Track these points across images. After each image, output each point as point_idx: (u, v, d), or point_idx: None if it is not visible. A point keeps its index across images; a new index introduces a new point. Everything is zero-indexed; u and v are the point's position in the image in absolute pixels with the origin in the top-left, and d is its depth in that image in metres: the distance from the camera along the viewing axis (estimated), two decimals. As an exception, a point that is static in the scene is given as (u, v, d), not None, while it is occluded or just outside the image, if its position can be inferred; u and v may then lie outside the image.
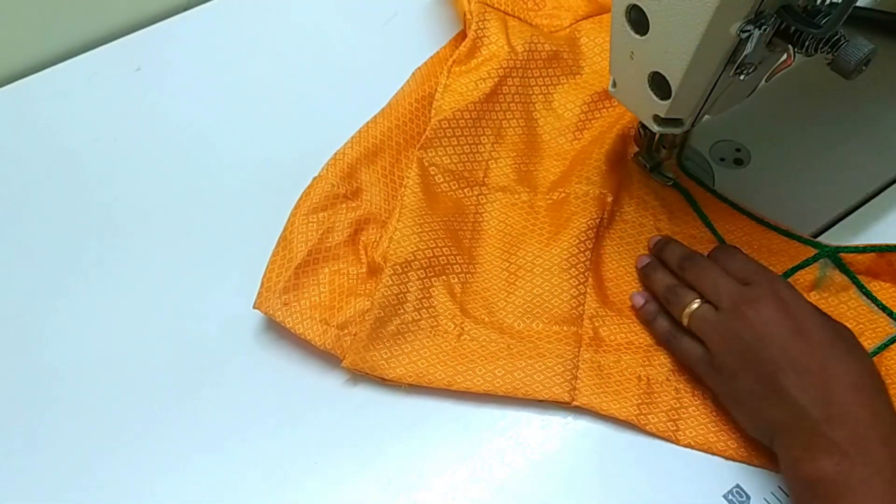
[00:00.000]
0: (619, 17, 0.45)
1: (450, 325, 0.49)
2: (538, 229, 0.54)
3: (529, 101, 0.59)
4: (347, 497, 0.45)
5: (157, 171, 0.57)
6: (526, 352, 0.48)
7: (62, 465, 0.46)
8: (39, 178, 0.57)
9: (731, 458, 0.45)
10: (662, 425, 0.46)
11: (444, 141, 0.55)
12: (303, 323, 0.48)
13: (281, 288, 0.48)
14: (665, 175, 0.56)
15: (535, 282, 0.51)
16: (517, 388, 0.47)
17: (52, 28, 0.64)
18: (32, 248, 0.54)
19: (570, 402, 0.46)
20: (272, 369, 0.49)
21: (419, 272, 0.50)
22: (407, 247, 0.50)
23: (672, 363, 0.48)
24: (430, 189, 0.53)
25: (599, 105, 0.60)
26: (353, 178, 0.53)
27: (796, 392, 0.41)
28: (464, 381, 0.47)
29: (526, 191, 0.56)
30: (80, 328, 0.50)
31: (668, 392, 0.47)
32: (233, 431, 0.47)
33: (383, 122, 0.57)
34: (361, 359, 0.47)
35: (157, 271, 0.53)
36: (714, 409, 0.47)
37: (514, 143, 0.57)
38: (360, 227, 0.52)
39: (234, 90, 0.62)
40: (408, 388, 0.48)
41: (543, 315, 0.50)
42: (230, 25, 0.66)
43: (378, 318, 0.48)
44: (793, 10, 0.41)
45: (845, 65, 0.41)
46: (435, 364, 0.47)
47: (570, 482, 0.45)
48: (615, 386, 0.47)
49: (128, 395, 0.48)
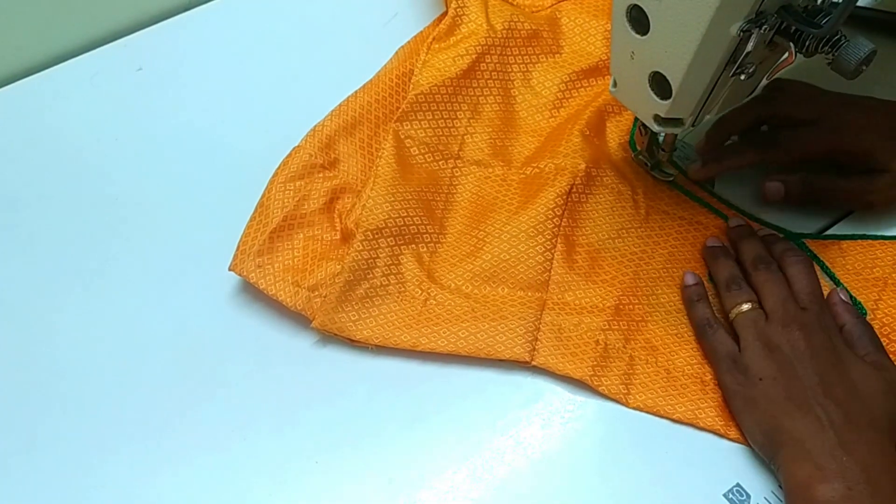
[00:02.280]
0: (619, 17, 0.45)
1: (417, 290, 0.50)
2: (509, 200, 0.55)
3: (508, 78, 0.60)
4: (348, 496, 0.45)
5: (158, 171, 0.57)
6: (489, 315, 0.49)
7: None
8: (40, 179, 0.57)
9: (678, 421, 0.47)
10: (615, 388, 0.48)
11: (419, 115, 0.56)
12: (275, 284, 0.49)
13: (256, 251, 0.50)
14: (666, 172, 0.56)
15: (501, 248, 0.52)
16: (479, 349, 0.48)
17: (53, 28, 0.64)
18: (33, 249, 0.54)
19: (530, 361, 0.48)
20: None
21: (389, 239, 0.51)
22: (379, 214, 0.51)
23: (630, 331, 0.49)
24: (404, 160, 0.55)
25: (578, 84, 0.61)
26: (330, 149, 0.55)
27: (820, 410, 0.42)
28: (428, 342, 0.48)
29: (500, 165, 0.57)
30: (80, 328, 0.50)
31: (622, 358, 0.48)
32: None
33: (363, 96, 0.58)
34: (330, 320, 0.48)
35: (158, 271, 0.53)
36: (666, 377, 0.48)
37: (490, 119, 0.58)
38: (335, 196, 0.54)
39: (235, 90, 0.62)
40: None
41: (509, 280, 0.51)
42: (231, 25, 0.66)
43: (348, 281, 0.49)
44: (793, 10, 0.41)
45: (846, 65, 0.41)
46: (401, 327, 0.49)
47: (571, 482, 0.45)
48: (573, 348, 0.49)
49: (128, 395, 0.48)
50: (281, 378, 0.49)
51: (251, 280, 0.49)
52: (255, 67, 0.64)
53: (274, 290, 0.49)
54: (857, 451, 0.41)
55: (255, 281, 0.49)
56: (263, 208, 0.52)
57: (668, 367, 0.49)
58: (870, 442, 0.42)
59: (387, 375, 0.48)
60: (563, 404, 0.48)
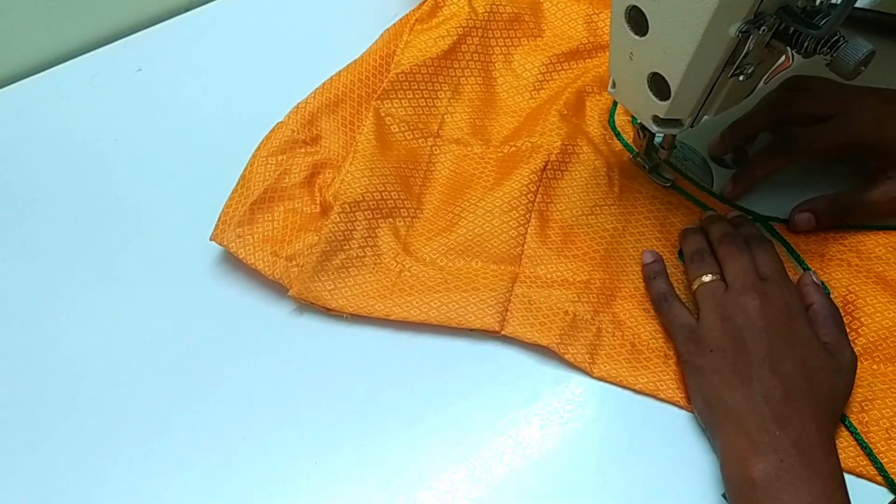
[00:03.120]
0: (618, 18, 0.45)
1: (392, 262, 0.52)
2: (485, 177, 0.56)
3: (489, 59, 0.62)
4: (348, 496, 0.45)
5: (158, 172, 0.58)
6: (462, 286, 0.50)
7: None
8: (41, 179, 0.57)
9: (640, 392, 0.48)
10: (580, 356, 0.49)
11: (400, 94, 0.58)
12: (254, 254, 0.50)
13: (236, 222, 0.51)
14: (664, 177, 0.56)
15: (476, 222, 0.53)
16: (451, 318, 0.49)
17: (53, 29, 0.64)
18: (34, 249, 0.54)
19: (500, 330, 0.49)
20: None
21: (367, 213, 0.52)
22: (357, 188, 0.52)
23: (599, 304, 0.50)
24: (384, 137, 0.56)
25: (558, 67, 0.62)
26: (313, 126, 0.56)
27: (759, 385, 0.43)
28: (401, 311, 0.49)
29: (479, 144, 0.58)
30: (80, 327, 0.51)
31: (590, 329, 0.49)
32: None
33: (347, 75, 0.59)
34: (306, 289, 0.49)
35: (159, 270, 0.53)
36: (630, 350, 0.49)
37: (470, 99, 0.60)
38: (316, 171, 0.55)
39: (235, 90, 0.62)
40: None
41: (483, 254, 0.52)
42: (231, 26, 0.67)
43: (324, 251, 0.50)
44: (792, 11, 0.41)
45: (844, 65, 0.41)
46: (375, 297, 0.50)
47: (570, 482, 0.45)
48: (542, 318, 0.49)
49: (128, 393, 0.48)
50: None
51: (231, 249, 0.51)
52: (255, 68, 0.64)
53: (252, 260, 0.50)
54: (790, 425, 0.41)
55: (235, 250, 0.51)
56: (245, 181, 0.53)
57: (633, 340, 0.50)
58: (804, 416, 0.42)
59: (387, 375, 0.49)
60: (561, 405, 0.48)
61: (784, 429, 0.41)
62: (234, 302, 0.51)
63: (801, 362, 0.44)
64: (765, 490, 0.40)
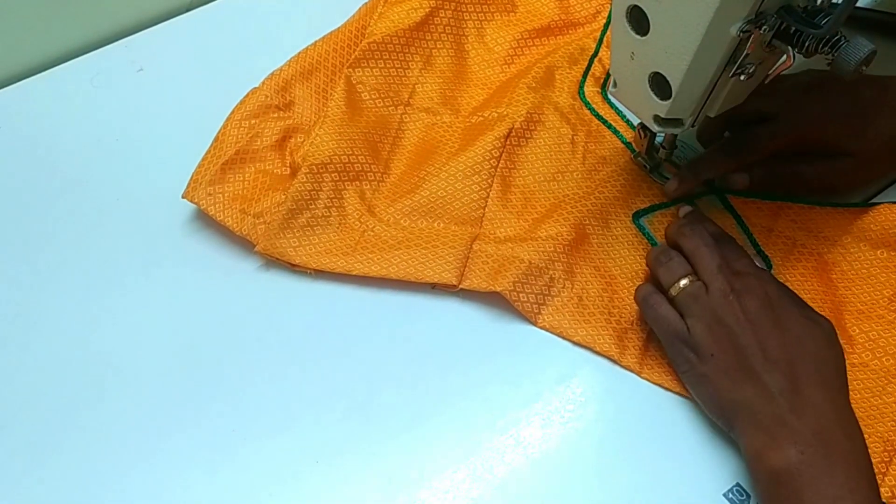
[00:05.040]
0: (619, 18, 0.45)
1: (356, 223, 0.53)
2: (451, 144, 0.58)
3: (462, 33, 0.63)
4: (348, 495, 0.45)
5: (159, 172, 0.58)
6: (423, 244, 0.52)
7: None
8: (41, 179, 0.57)
9: (578, 344, 0.49)
10: (529, 306, 0.50)
11: (371, 62, 0.59)
12: (223, 212, 0.52)
13: (207, 180, 0.53)
14: (665, 176, 0.56)
15: (439, 185, 0.55)
16: (409, 274, 0.50)
17: (54, 29, 0.64)
18: (34, 249, 0.54)
19: (458, 284, 0.50)
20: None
21: (333, 175, 0.54)
22: (325, 150, 0.54)
23: (555, 252, 0.51)
24: (355, 104, 0.57)
25: (530, 42, 0.63)
26: (286, 92, 0.58)
27: (767, 378, 0.43)
28: (362, 267, 0.51)
29: (449, 113, 0.59)
30: (80, 326, 0.51)
31: (542, 278, 0.51)
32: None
33: (322, 45, 0.60)
34: (272, 245, 0.51)
35: (159, 270, 0.53)
36: (577, 303, 0.50)
37: (441, 71, 0.61)
38: (288, 135, 0.56)
39: (236, 91, 0.62)
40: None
41: (444, 216, 0.54)
42: (231, 26, 0.67)
43: (290, 210, 0.52)
44: (793, 11, 0.41)
45: (845, 65, 0.41)
46: (337, 254, 0.52)
47: (570, 481, 0.45)
48: (497, 267, 0.51)
49: (128, 390, 0.48)
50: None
51: (202, 206, 0.52)
52: (256, 68, 0.63)
53: (222, 217, 0.52)
54: (806, 414, 0.41)
55: (205, 207, 0.52)
56: (218, 143, 0.55)
57: (581, 294, 0.51)
58: (820, 401, 0.42)
59: (386, 375, 0.49)
60: (562, 404, 0.48)
61: (800, 417, 0.41)
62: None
63: (798, 345, 0.44)
64: (787, 485, 0.40)
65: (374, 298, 0.51)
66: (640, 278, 0.52)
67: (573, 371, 0.49)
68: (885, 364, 0.48)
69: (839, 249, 0.52)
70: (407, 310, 0.51)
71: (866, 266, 0.51)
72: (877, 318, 0.49)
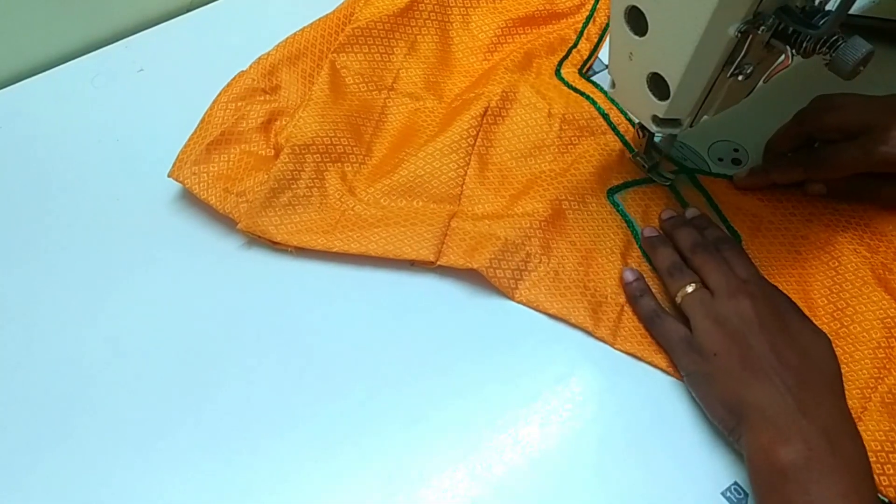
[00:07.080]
0: (618, 18, 0.45)
1: (337, 203, 0.54)
2: (431, 127, 0.59)
3: (447, 20, 0.64)
4: (347, 494, 0.45)
5: (159, 172, 0.57)
6: (401, 222, 0.53)
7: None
8: (42, 179, 0.58)
9: (555, 316, 0.50)
10: (505, 281, 0.51)
11: (356, 47, 0.60)
12: (207, 190, 0.53)
13: (193, 160, 0.54)
14: (663, 175, 0.56)
15: (418, 164, 0.55)
16: (388, 251, 0.51)
17: (54, 29, 0.64)
18: (34, 249, 0.54)
19: (435, 261, 0.51)
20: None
21: (315, 156, 0.55)
22: (307, 132, 0.55)
23: (531, 229, 0.52)
24: (338, 88, 0.58)
25: (514, 31, 0.65)
26: (273, 76, 0.59)
27: (776, 377, 0.43)
28: (342, 244, 0.52)
29: (432, 98, 0.61)
30: (81, 326, 0.51)
31: (518, 254, 0.51)
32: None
33: (310, 31, 0.61)
34: (254, 223, 0.52)
35: (159, 270, 0.53)
36: (553, 278, 0.51)
37: (426, 57, 0.62)
38: (273, 118, 0.57)
39: (236, 91, 0.62)
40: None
41: (423, 195, 0.55)
42: (232, 26, 0.67)
43: (272, 189, 0.53)
44: (791, 11, 0.41)
45: (843, 65, 0.41)
46: (318, 232, 0.52)
47: (569, 480, 0.45)
48: (474, 244, 0.51)
49: (129, 390, 0.48)
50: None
51: (186, 185, 0.53)
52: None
53: (205, 195, 0.53)
54: (815, 415, 0.42)
55: (190, 186, 0.53)
56: (204, 124, 0.56)
57: (557, 269, 0.52)
58: (827, 405, 0.43)
59: (386, 374, 0.49)
60: (561, 403, 0.48)
61: (809, 417, 0.42)
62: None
63: (803, 352, 0.44)
64: (794, 480, 0.40)
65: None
66: (616, 253, 0.53)
67: (572, 370, 0.49)
68: (851, 331, 0.49)
69: (807, 225, 0.54)
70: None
71: (832, 240, 0.53)
72: (845, 288, 0.51)
